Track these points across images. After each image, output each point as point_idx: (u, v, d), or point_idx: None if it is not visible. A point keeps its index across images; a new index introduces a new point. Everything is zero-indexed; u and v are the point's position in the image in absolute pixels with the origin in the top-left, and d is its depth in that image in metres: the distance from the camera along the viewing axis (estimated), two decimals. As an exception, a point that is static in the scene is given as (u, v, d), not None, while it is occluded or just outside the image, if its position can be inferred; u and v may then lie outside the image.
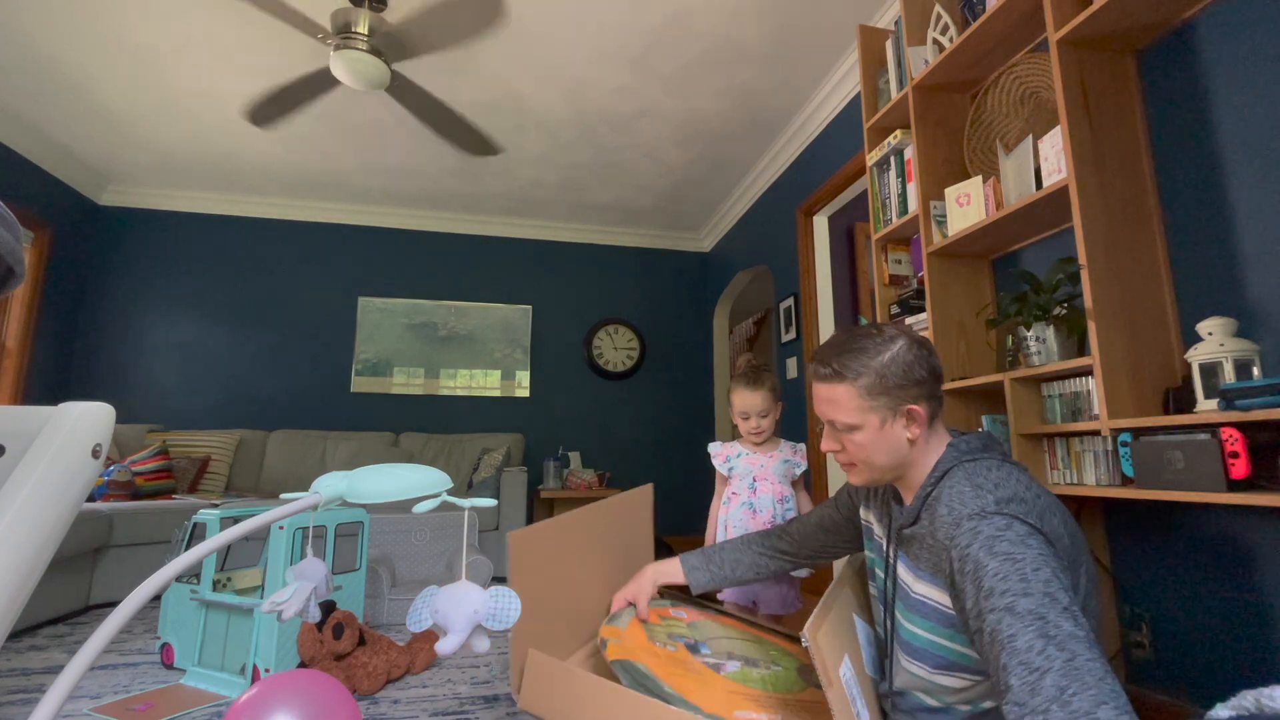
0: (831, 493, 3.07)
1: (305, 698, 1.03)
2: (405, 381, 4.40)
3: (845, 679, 0.92)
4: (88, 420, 0.68)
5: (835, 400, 0.98)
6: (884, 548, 1.08)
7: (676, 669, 1.16)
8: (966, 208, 1.80)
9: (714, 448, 1.86)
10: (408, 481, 1.02)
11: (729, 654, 1.30)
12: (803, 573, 1.64)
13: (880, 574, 1.09)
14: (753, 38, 2.69)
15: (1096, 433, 1.43)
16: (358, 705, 1.35)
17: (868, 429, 0.97)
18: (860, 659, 1.05)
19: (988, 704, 0.92)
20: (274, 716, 0.98)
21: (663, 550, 2.02)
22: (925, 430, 0.97)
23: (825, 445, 1.04)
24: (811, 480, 3.17)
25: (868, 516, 1.18)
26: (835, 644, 0.95)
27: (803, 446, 1.83)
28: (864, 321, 2.90)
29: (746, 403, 1.78)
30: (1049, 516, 0.83)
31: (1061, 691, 0.66)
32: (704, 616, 1.45)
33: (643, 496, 1.68)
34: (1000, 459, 0.92)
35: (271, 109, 2.63)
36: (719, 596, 1.70)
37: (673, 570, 1.40)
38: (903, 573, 1.00)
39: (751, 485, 1.78)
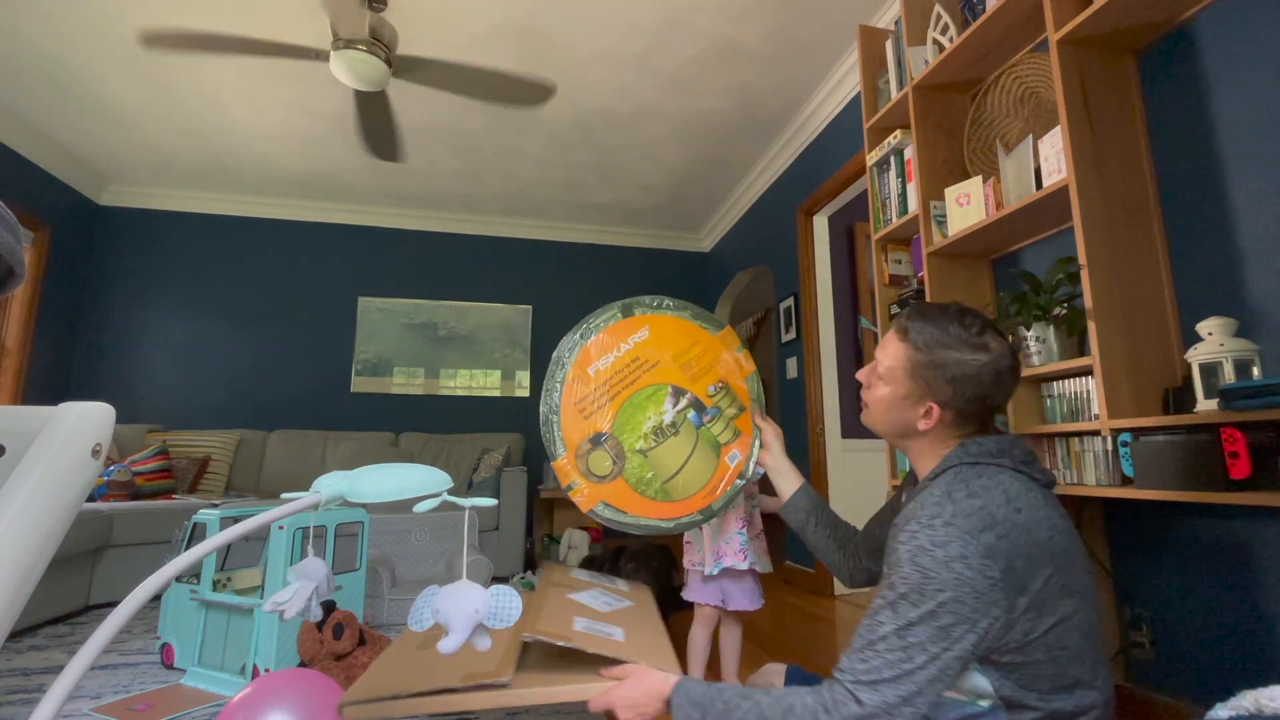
0: (831, 489, 3.07)
1: (299, 697, 1.03)
2: (405, 381, 4.40)
3: (583, 629, 1.03)
4: (88, 420, 0.68)
5: (886, 348, 0.99)
6: None
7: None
8: (966, 208, 1.80)
9: None
10: (408, 481, 1.02)
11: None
12: (762, 566, 1.63)
13: None
14: (753, 38, 2.69)
15: (1096, 433, 1.43)
16: None
17: (893, 389, 0.97)
18: (597, 612, 1.16)
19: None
20: (268, 716, 0.98)
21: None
22: (946, 430, 0.95)
23: (860, 373, 1.06)
24: (813, 481, 3.17)
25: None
26: (561, 619, 1.05)
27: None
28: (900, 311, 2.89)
29: None
30: (1018, 536, 0.79)
31: (875, 674, 0.75)
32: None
33: None
34: (1002, 468, 0.88)
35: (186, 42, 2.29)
36: (685, 595, 1.68)
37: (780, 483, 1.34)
38: None
39: None
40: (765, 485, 1.73)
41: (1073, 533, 0.84)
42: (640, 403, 1.30)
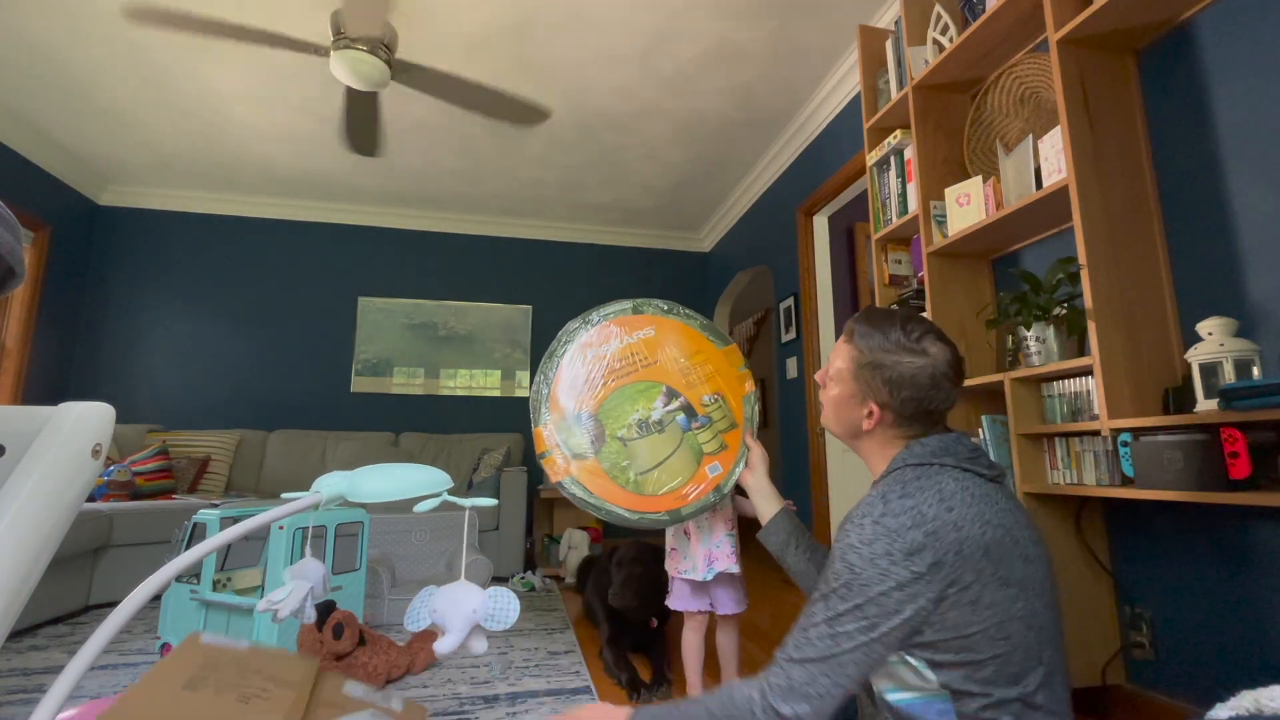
0: (831, 490, 3.07)
1: None
2: (405, 381, 4.40)
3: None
4: (88, 420, 0.68)
5: (837, 350, 1.05)
6: None
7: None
8: (966, 208, 1.80)
9: None
10: (408, 481, 1.02)
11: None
12: (735, 569, 1.60)
13: None
14: (753, 38, 2.70)
15: (1096, 433, 1.43)
16: None
17: (840, 390, 1.03)
18: None
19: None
20: None
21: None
22: (889, 431, 0.99)
23: (817, 374, 1.11)
24: (812, 478, 3.17)
25: None
26: None
27: None
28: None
29: None
30: (947, 533, 0.82)
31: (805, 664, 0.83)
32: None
33: None
34: (945, 467, 0.90)
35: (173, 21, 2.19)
36: (671, 605, 1.65)
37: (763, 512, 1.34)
38: None
39: None
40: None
41: (1011, 525, 0.86)
42: (632, 395, 1.32)
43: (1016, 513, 0.89)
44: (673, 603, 1.63)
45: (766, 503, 1.32)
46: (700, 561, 1.57)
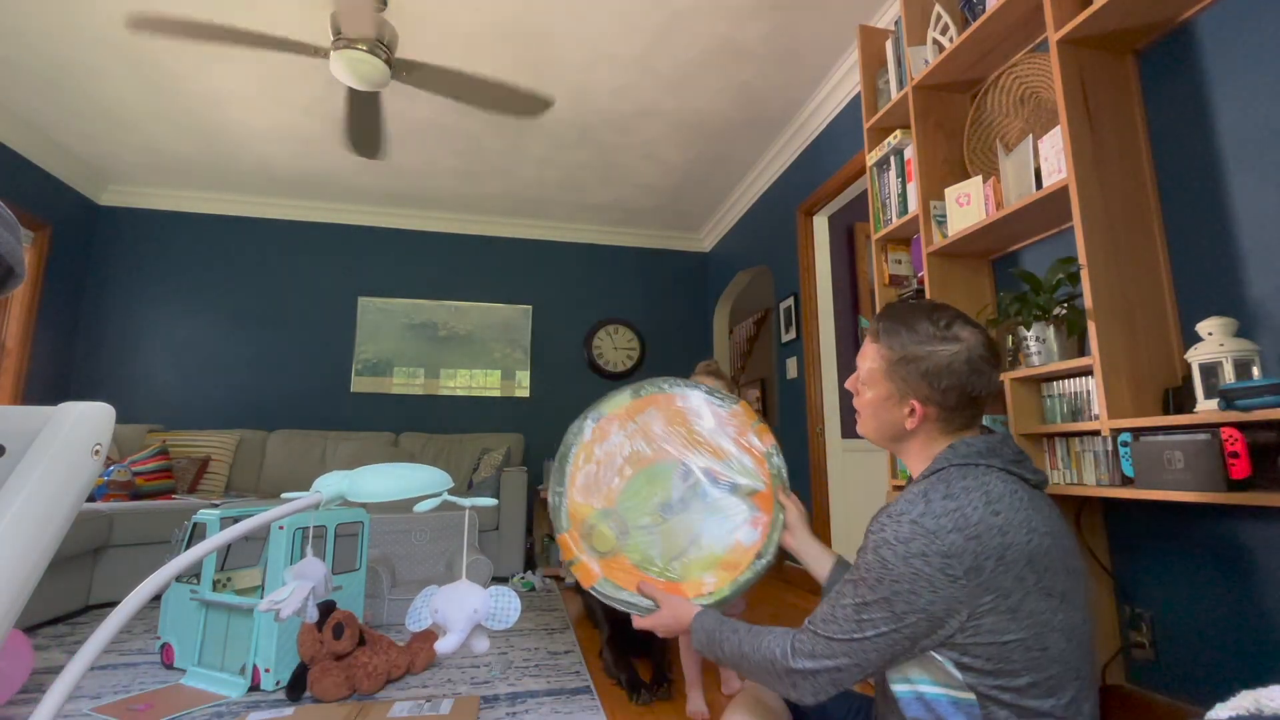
0: (831, 490, 3.07)
1: None
2: (405, 381, 4.40)
3: None
4: (88, 420, 0.68)
5: (864, 352, 1.02)
6: None
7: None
8: (966, 208, 1.80)
9: None
10: (408, 481, 1.02)
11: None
12: None
13: None
14: (753, 38, 2.70)
15: (1096, 433, 1.43)
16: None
17: (875, 392, 0.99)
18: None
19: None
20: None
21: None
22: (934, 428, 0.96)
23: (847, 382, 1.07)
24: (812, 480, 3.17)
25: None
26: None
27: None
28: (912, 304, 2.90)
29: None
30: (990, 537, 0.79)
31: (831, 643, 0.86)
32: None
33: None
34: (991, 468, 0.88)
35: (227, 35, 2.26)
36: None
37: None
38: None
39: None
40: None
41: (1058, 535, 0.84)
42: (647, 480, 1.27)
43: (1061, 522, 0.87)
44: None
45: (817, 562, 1.25)
46: None
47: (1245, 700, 0.67)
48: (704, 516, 1.25)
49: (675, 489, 1.26)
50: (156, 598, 2.64)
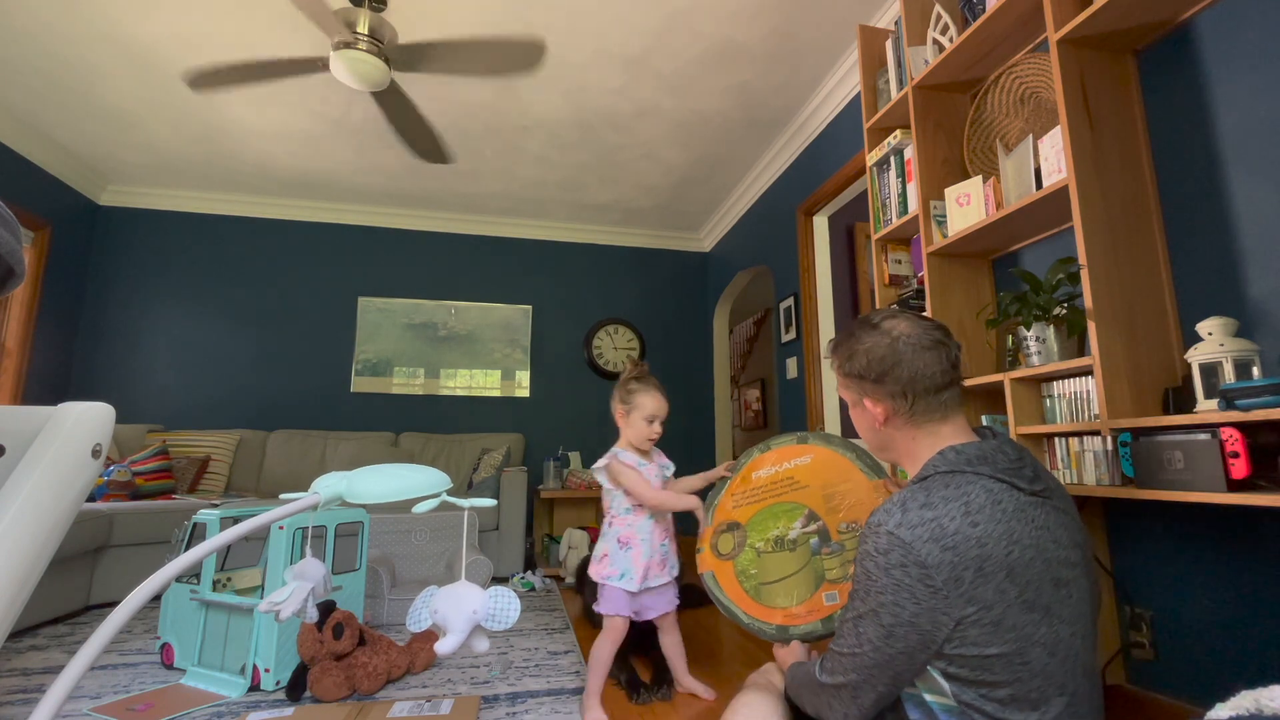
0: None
1: None
2: (405, 381, 4.40)
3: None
4: (88, 420, 0.68)
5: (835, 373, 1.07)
6: None
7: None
8: (966, 208, 1.80)
9: (628, 457, 1.76)
10: (408, 481, 1.02)
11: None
12: (675, 567, 1.78)
13: None
14: (753, 38, 2.69)
15: (1096, 433, 1.43)
16: None
17: (850, 407, 1.04)
18: None
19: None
20: None
21: None
22: (903, 424, 0.95)
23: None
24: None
25: None
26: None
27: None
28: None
29: (660, 406, 1.78)
30: (968, 549, 0.78)
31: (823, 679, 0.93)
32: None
33: None
34: (979, 475, 0.86)
35: (222, 78, 2.46)
36: (597, 608, 1.73)
37: None
38: None
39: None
40: (678, 472, 1.87)
41: (1046, 545, 0.82)
42: (777, 513, 1.45)
43: (1057, 531, 0.84)
44: (599, 606, 1.71)
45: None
46: (637, 574, 1.68)
47: (1245, 700, 0.67)
48: (804, 562, 1.41)
49: (795, 530, 1.43)
50: (156, 598, 2.64)
